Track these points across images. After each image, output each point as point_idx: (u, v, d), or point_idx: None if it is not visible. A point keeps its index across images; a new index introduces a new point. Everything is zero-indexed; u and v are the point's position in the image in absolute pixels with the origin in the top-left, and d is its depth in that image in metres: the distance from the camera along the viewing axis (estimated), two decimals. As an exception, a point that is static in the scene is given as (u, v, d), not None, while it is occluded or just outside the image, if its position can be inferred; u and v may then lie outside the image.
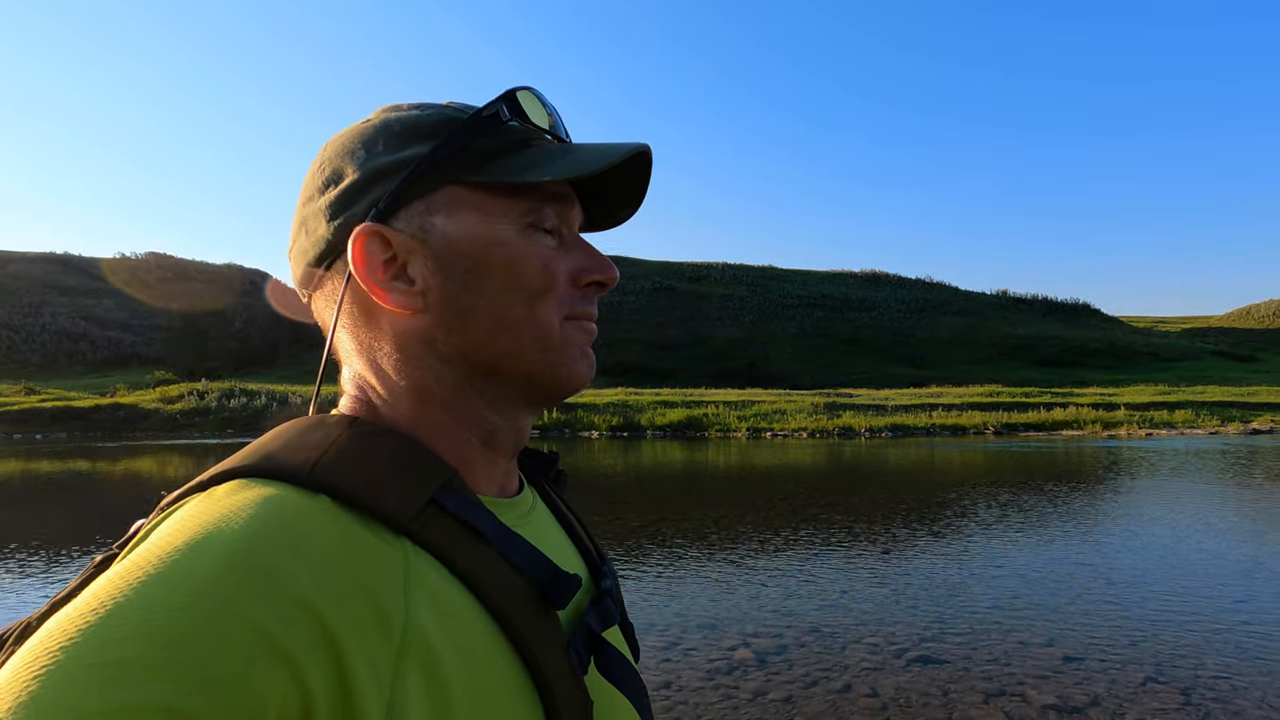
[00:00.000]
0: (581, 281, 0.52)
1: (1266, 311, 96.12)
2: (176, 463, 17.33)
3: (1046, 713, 3.47)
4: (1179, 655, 4.19)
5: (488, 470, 0.51)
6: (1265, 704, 3.53)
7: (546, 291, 0.50)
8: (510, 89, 0.51)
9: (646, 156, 0.53)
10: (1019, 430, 26.42)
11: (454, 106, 0.52)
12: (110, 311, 76.82)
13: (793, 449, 20.40)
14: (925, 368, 58.18)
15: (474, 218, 0.49)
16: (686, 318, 72.78)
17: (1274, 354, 72.75)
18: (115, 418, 31.43)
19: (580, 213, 0.55)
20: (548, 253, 0.50)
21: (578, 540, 0.60)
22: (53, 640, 0.30)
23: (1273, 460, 15.38)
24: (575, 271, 0.52)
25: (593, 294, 0.54)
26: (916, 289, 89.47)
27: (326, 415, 0.49)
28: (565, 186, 0.52)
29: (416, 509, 0.42)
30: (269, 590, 0.33)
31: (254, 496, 0.38)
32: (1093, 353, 64.87)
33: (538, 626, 0.43)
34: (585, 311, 0.53)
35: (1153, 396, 33.40)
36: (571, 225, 0.54)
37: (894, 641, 4.49)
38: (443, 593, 0.40)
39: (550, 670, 0.42)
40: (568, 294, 0.52)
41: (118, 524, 8.41)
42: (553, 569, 0.46)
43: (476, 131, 0.49)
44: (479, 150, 0.49)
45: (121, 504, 11.16)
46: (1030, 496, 10.56)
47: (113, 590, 0.32)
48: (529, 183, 0.48)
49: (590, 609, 0.51)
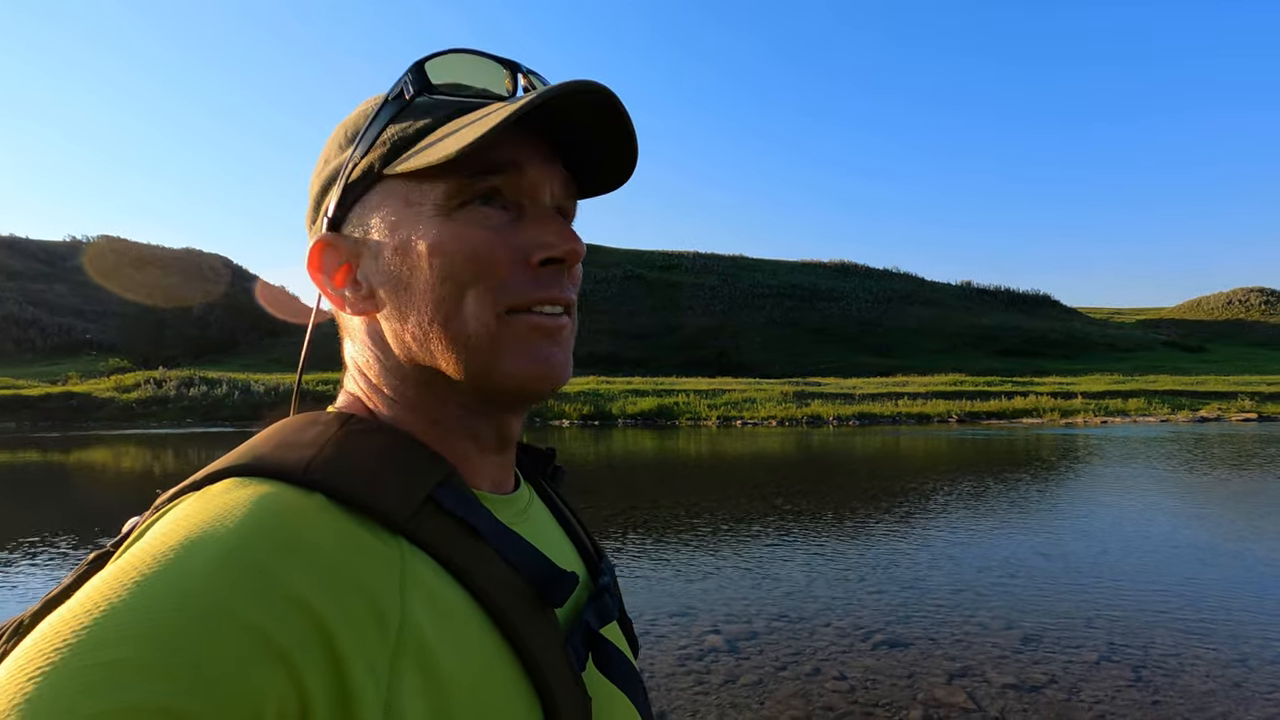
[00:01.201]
0: (533, 260, 0.46)
1: (1215, 304, 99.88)
2: (133, 454, 16.83)
3: (1006, 692, 3.59)
4: (1130, 635, 4.36)
5: (481, 466, 0.50)
6: (1210, 678, 3.69)
7: (477, 280, 0.45)
8: (419, 59, 0.47)
9: (599, 96, 0.44)
10: (981, 418, 27.08)
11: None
12: (62, 297, 74.00)
13: (762, 437, 20.62)
14: (892, 357, 59.23)
15: (401, 210, 0.46)
16: (657, 307, 72.84)
17: (1222, 345, 75.70)
18: (68, 407, 30.37)
19: (553, 177, 0.48)
20: (480, 235, 0.45)
21: (574, 536, 0.59)
22: (47, 642, 0.30)
23: (1218, 447, 16.04)
24: (525, 248, 0.46)
25: (553, 275, 0.47)
26: (884, 279, 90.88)
27: (321, 412, 0.49)
28: (515, 150, 0.46)
29: (413, 507, 0.41)
30: (265, 589, 0.33)
31: (249, 495, 0.38)
32: (1052, 343, 66.76)
33: (535, 625, 0.43)
34: (538, 298, 0.46)
35: (1108, 385, 34.52)
36: (534, 194, 0.47)
37: (861, 625, 4.59)
38: (439, 591, 0.40)
39: (548, 668, 0.42)
40: (514, 279, 0.46)
41: (69, 519, 8.14)
42: (550, 567, 0.45)
43: (387, 117, 0.47)
44: (397, 137, 0.46)
45: (77, 498, 10.82)
46: (991, 483, 10.85)
47: (107, 591, 0.32)
48: (439, 163, 0.43)
49: (588, 606, 0.50)
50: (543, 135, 0.47)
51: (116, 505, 9.70)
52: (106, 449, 17.95)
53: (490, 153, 0.44)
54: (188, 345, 65.35)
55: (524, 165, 0.46)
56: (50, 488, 11.75)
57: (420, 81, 0.46)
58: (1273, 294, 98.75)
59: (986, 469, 12.66)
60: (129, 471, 13.63)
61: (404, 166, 0.45)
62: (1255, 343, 78.98)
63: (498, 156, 0.45)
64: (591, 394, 30.78)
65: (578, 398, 29.78)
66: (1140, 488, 10.25)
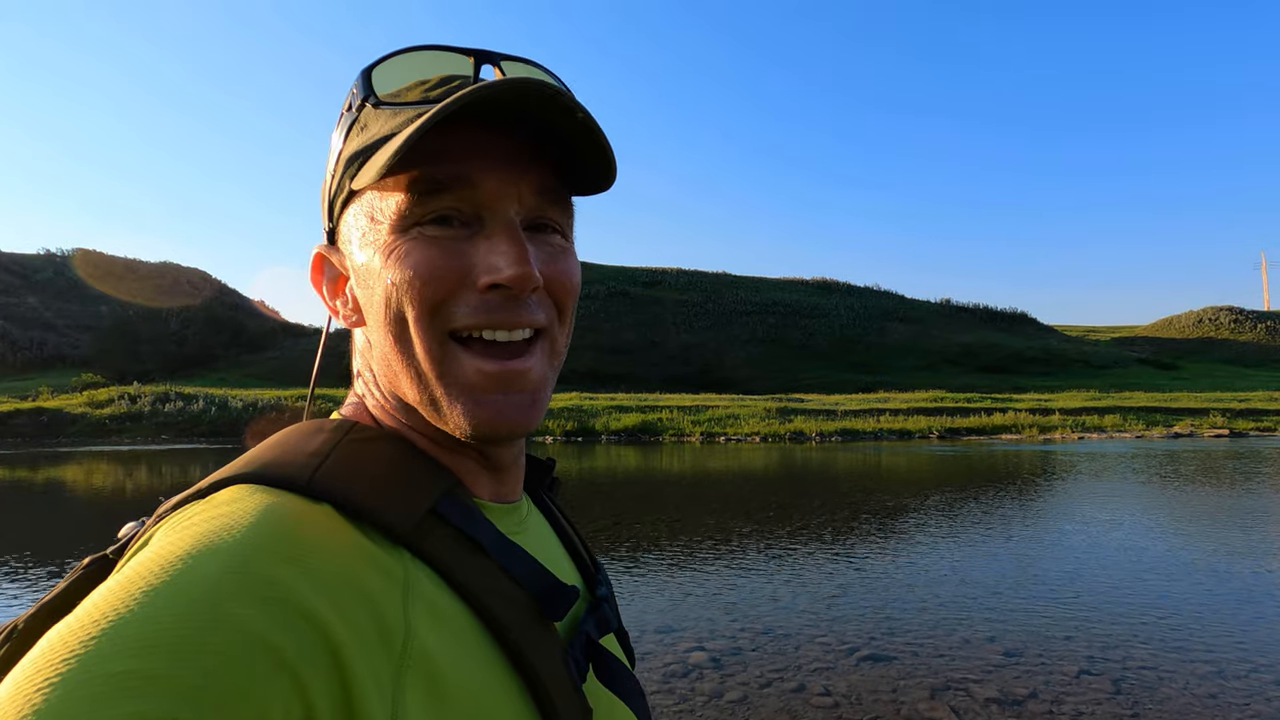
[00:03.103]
0: (480, 284, 0.43)
1: (1187, 322, 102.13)
2: (104, 471, 16.45)
3: (989, 705, 3.60)
4: (1109, 648, 4.40)
5: (483, 476, 0.50)
6: (1188, 691, 3.74)
7: (420, 302, 0.43)
8: (367, 65, 0.45)
9: (524, 94, 0.41)
10: (961, 434, 27.35)
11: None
12: (33, 310, 72.48)
13: (746, 453, 20.65)
14: (874, 373, 59.73)
15: (366, 225, 0.45)
16: (641, 323, 73.02)
17: (1194, 362, 77.29)
18: (37, 423, 29.70)
19: (524, 179, 0.44)
20: (424, 255, 0.43)
21: (571, 547, 0.59)
22: (55, 653, 0.30)
23: (1191, 463, 16.33)
24: (470, 271, 0.43)
25: (500, 301, 0.43)
26: (865, 296, 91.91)
27: (326, 420, 0.49)
28: (466, 160, 0.43)
29: (416, 519, 0.41)
30: (272, 601, 0.33)
31: (255, 505, 0.37)
32: (1030, 360, 67.75)
33: (536, 637, 0.43)
34: (483, 322, 0.43)
35: (1084, 402, 35.08)
36: (495, 207, 0.44)
37: (844, 641, 4.59)
38: (441, 604, 0.40)
39: (549, 680, 0.42)
40: (459, 302, 0.43)
41: (34, 539, 7.89)
42: (551, 580, 0.45)
43: (345, 128, 0.46)
44: (353, 151, 0.45)
45: (44, 517, 10.54)
46: (972, 499, 10.94)
47: (114, 601, 0.32)
48: (374, 179, 0.42)
49: (587, 617, 0.50)
50: (510, 135, 0.44)
51: (86, 523, 9.47)
52: (77, 466, 17.53)
53: (437, 167, 0.42)
54: (164, 360, 64.27)
55: (475, 178, 0.43)
56: (13, 507, 11.43)
57: (366, 89, 0.45)
58: (1241, 313, 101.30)
59: (967, 485, 12.77)
60: (100, 489, 13.31)
61: (354, 184, 0.45)
62: (1225, 359, 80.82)
63: (443, 172, 0.42)
64: (575, 410, 30.69)
65: (561, 413, 29.67)
66: (1117, 503, 10.39)
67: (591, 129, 0.43)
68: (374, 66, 0.44)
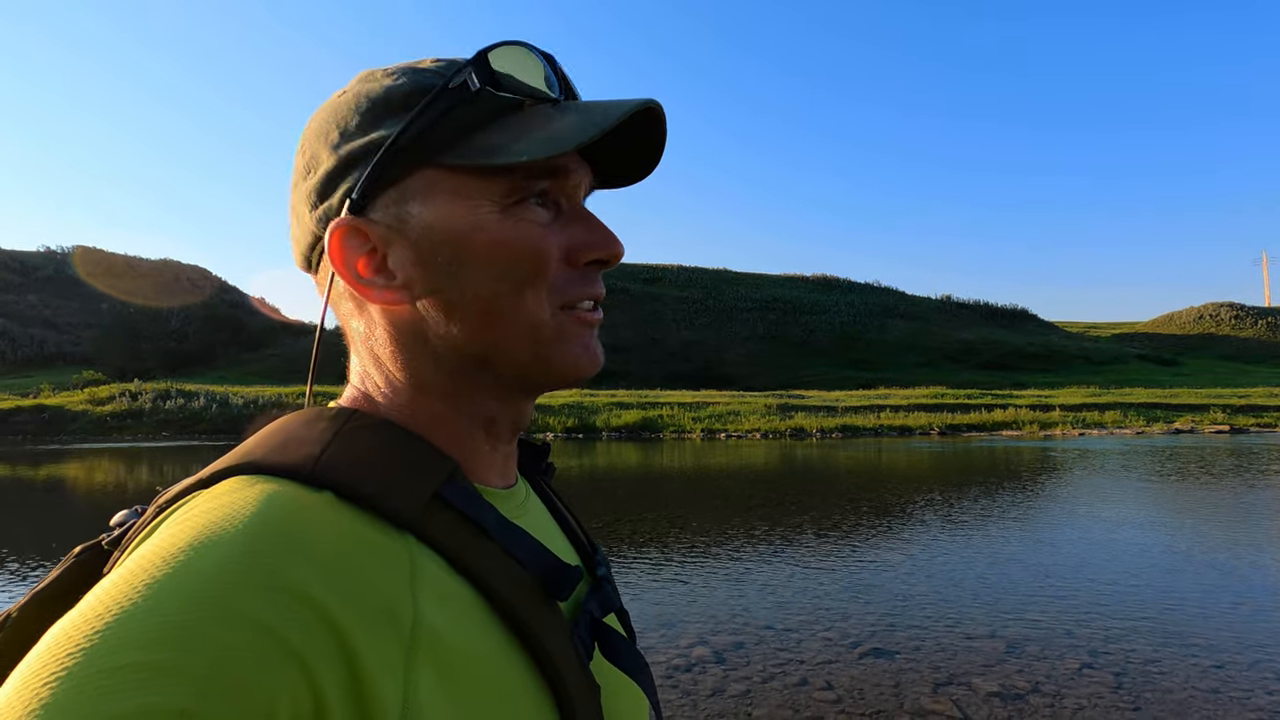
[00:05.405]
0: (579, 260, 0.48)
1: (1187, 318, 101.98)
2: (106, 467, 16.48)
3: (991, 700, 3.62)
4: (1110, 642, 4.41)
5: (488, 459, 0.51)
6: (1189, 685, 3.75)
7: (535, 279, 0.46)
8: (483, 48, 0.46)
9: (653, 113, 0.47)
10: (962, 431, 27.37)
11: (430, 70, 0.47)
12: (33, 308, 72.47)
13: (746, 450, 20.67)
14: (874, 369, 59.73)
15: (451, 202, 0.45)
16: (641, 319, 72.99)
17: (1194, 358, 77.31)
18: (38, 420, 29.71)
19: (586, 176, 0.50)
20: (536, 233, 0.46)
21: (568, 528, 0.60)
22: (61, 646, 0.30)
23: (1192, 458, 16.34)
24: (572, 249, 0.48)
25: (594, 273, 0.50)
26: (866, 293, 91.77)
27: (324, 408, 0.48)
28: (570, 155, 0.47)
29: (420, 504, 0.41)
30: (276, 590, 0.33)
31: (257, 494, 0.37)
32: (1030, 356, 67.73)
33: (542, 616, 0.43)
34: (583, 294, 0.49)
35: (1085, 398, 35.09)
36: (572, 195, 0.49)
37: (847, 635, 4.60)
38: (447, 587, 0.40)
39: (557, 658, 0.42)
40: (564, 277, 0.48)
41: (32, 534, 7.95)
42: (554, 561, 0.46)
43: (444, 106, 0.45)
44: (449, 126, 0.45)
45: (43, 513, 10.57)
46: (973, 495, 10.96)
47: (118, 594, 0.32)
48: (514, 164, 0.44)
49: (590, 596, 0.51)
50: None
51: (87, 520, 9.50)
52: (78, 463, 17.56)
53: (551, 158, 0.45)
54: (164, 357, 64.24)
55: (570, 169, 0.48)
56: (15, 504, 11.46)
57: (484, 74, 0.45)
58: (1242, 309, 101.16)
59: (968, 481, 12.79)
60: (101, 486, 13.33)
61: (470, 161, 0.44)
62: (1225, 356, 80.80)
63: (554, 162, 0.46)
64: (575, 406, 30.69)
65: (561, 410, 29.69)
66: (1118, 499, 10.41)
67: (659, 155, 0.52)
68: (489, 51, 0.46)
